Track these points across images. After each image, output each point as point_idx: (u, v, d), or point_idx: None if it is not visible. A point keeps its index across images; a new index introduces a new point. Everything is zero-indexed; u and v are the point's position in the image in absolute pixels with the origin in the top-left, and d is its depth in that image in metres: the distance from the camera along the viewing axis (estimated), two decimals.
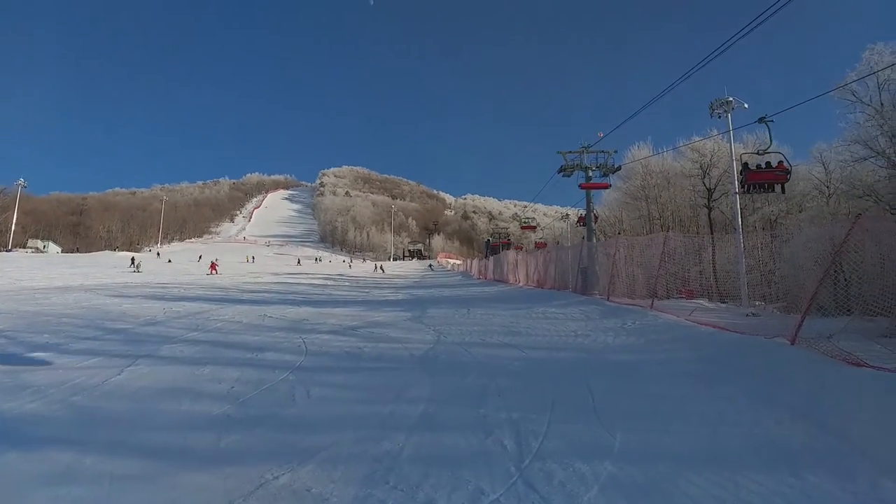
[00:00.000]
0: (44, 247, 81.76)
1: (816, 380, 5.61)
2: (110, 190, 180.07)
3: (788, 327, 7.49)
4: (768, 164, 14.31)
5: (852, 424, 4.44)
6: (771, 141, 14.82)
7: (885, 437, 4.14)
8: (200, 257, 67.45)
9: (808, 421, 4.63)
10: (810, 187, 26.77)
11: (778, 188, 14.39)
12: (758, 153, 14.72)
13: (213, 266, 39.95)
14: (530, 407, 5.18)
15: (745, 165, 14.59)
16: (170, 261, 59.43)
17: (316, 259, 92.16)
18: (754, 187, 14.45)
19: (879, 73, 18.56)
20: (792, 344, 7.11)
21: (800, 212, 26.47)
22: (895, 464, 3.70)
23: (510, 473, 3.68)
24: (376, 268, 65.99)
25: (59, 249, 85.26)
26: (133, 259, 42.28)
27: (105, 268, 37.16)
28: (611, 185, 25.50)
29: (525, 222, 55.04)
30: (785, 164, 14.27)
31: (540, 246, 46.31)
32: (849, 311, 8.73)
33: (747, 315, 11.63)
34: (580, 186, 22.75)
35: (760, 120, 14.65)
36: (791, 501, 3.29)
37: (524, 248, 49.10)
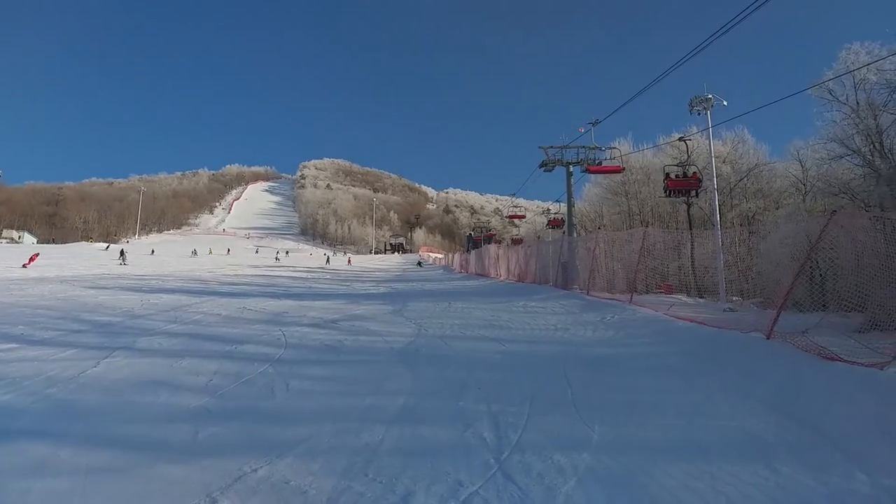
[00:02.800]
0: (19, 237, 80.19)
1: (791, 374, 5.69)
2: (87, 180, 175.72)
3: (764, 322, 7.63)
4: (685, 174, 17.88)
5: (826, 417, 4.52)
6: (689, 155, 18.98)
7: (858, 430, 4.22)
8: (195, 251, 64.33)
9: (782, 414, 4.71)
10: (787, 184, 27.03)
11: (693, 193, 18.10)
12: (678, 165, 18.37)
13: (32, 258, 30.82)
14: (510, 400, 5.21)
15: (668, 175, 18.19)
16: (153, 252, 58.27)
17: (286, 252, 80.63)
18: (673, 192, 18.24)
19: (855, 72, 18.84)
20: (768, 338, 7.23)
21: (777, 209, 26.74)
22: (867, 456, 3.77)
23: (489, 465, 3.70)
24: (328, 260, 59.80)
25: (35, 240, 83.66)
26: (122, 251, 41.42)
27: (82, 259, 36.53)
28: (624, 168, 25.18)
29: (512, 212, 54.91)
30: (698, 174, 17.96)
31: (517, 242, 46.37)
32: (824, 306, 8.88)
33: (725, 310, 11.80)
34: (587, 170, 22.62)
35: (681, 139, 19.46)
36: (766, 492, 3.34)
37: (504, 243, 49.19)
